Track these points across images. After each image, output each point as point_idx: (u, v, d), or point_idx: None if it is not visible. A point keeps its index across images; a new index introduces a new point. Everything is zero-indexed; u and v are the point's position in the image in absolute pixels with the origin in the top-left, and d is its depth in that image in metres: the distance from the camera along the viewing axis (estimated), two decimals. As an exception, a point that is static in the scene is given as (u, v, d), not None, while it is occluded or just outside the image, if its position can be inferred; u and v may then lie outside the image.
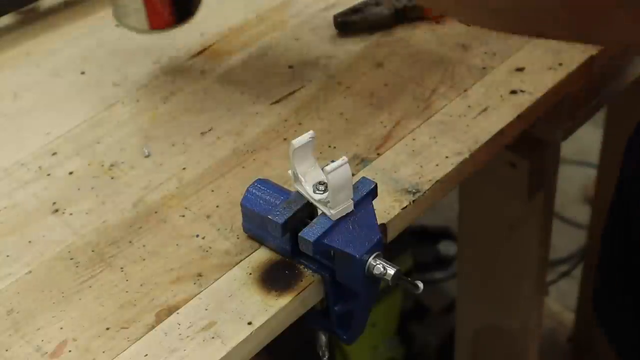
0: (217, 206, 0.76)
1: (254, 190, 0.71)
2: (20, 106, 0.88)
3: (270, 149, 0.81)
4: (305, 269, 0.70)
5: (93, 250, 0.73)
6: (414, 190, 0.76)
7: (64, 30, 0.92)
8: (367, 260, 0.66)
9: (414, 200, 0.75)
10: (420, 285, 0.66)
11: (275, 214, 0.67)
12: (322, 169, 0.67)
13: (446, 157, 0.78)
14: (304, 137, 0.66)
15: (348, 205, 0.67)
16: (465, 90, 0.85)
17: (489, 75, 0.87)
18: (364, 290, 0.68)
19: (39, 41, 0.90)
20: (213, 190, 0.77)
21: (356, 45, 0.92)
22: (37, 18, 0.98)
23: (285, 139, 0.81)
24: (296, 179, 0.68)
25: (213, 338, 0.66)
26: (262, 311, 0.67)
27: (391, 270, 0.65)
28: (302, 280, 0.69)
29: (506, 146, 0.85)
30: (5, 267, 0.72)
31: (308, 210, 0.68)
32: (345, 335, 0.73)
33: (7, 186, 0.79)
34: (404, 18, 0.94)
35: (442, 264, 1.71)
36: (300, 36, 0.94)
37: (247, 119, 0.84)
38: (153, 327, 0.67)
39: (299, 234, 0.66)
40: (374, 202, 0.69)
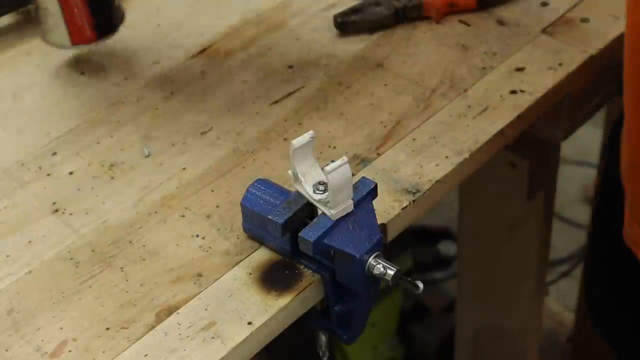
0: (217, 206, 0.76)
1: (254, 190, 0.71)
2: (20, 106, 0.88)
3: (270, 149, 0.81)
4: (305, 269, 0.70)
5: (93, 250, 0.73)
6: (414, 190, 0.76)
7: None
8: (367, 260, 0.66)
9: (414, 200, 0.75)
10: (420, 285, 0.66)
11: (275, 214, 0.67)
12: (322, 169, 0.67)
13: (446, 157, 0.78)
14: (304, 137, 0.66)
15: (348, 205, 0.67)
16: (465, 90, 0.85)
17: (489, 75, 0.87)
18: (364, 290, 0.68)
19: (39, 41, 0.90)
20: (213, 190, 0.77)
21: (356, 45, 0.92)
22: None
23: (285, 139, 0.81)
24: (296, 179, 0.68)
25: (213, 338, 0.66)
26: (262, 311, 0.67)
27: (391, 270, 0.65)
28: (302, 280, 0.69)
29: (506, 146, 0.85)
30: (5, 267, 0.72)
31: (308, 210, 0.68)
32: (345, 335, 0.73)
33: (7, 186, 0.79)
34: (404, 18, 0.94)
35: (442, 264, 1.70)
36: (300, 36, 0.94)
37: (247, 119, 0.84)
38: (153, 327, 0.67)
39: (299, 234, 0.66)
40: (374, 202, 0.69)
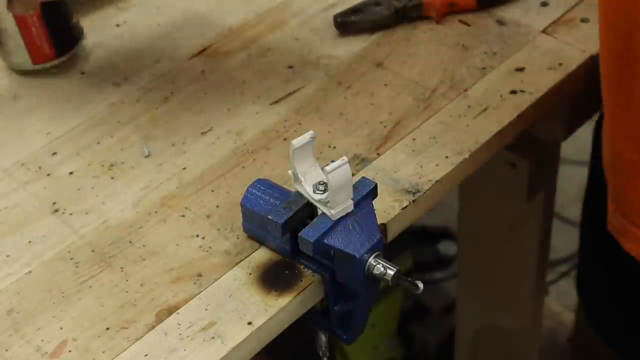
0: (217, 206, 0.76)
1: (254, 190, 0.71)
2: (20, 106, 0.88)
3: (270, 149, 0.81)
4: (305, 269, 0.70)
5: (93, 250, 0.73)
6: (414, 190, 0.76)
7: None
8: (367, 260, 0.66)
9: (414, 200, 0.75)
10: (420, 285, 0.66)
11: (275, 214, 0.67)
12: (322, 169, 0.67)
13: (446, 157, 0.78)
14: (304, 137, 0.66)
15: (348, 205, 0.66)
16: (465, 90, 0.85)
17: (489, 75, 0.87)
18: (364, 290, 0.68)
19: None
20: (213, 190, 0.77)
21: (356, 45, 0.92)
22: (37, 18, 0.98)
23: (285, 139, 0.81)
24: (296, 179, 0.68)
25: (213, 338, 0.66)
26: (262, 311, 0.67)
27: (391, 270, 0.65)
28: (302, 280, 0.69)
29: (506, 146, 0.85)
30: (5, 267, 0.72)
31: (308, 210, 0.68)
32: (345, 335, 0.73)
33: (7, 186, 0.79)
34: (404, 18, 0.93)
35: (442, 264, 1.70)
36: (300, 36, 0.94)
37: (247, 119, 0.84)
38: (153, 327, 0.67)
39: (299, 234, 0.66)
40: (374, 202, 0.69)
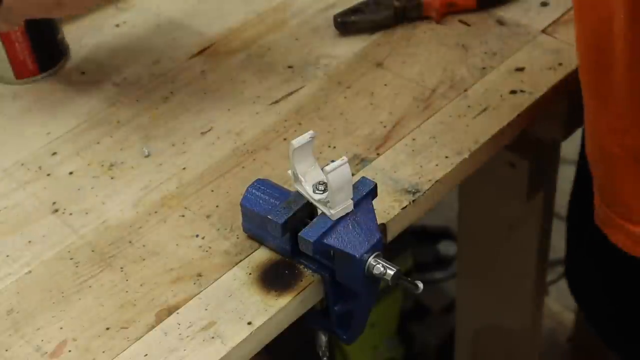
0: (217, 206, 0.76)
1: (254, 190, 0.71)
2: (20, 106, 0.88)
3: (270, 149, 0.81)
4: (305, 269, 0.70)
5: (93, 250, 0.73)
6: (413, 190, 0.76)
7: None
8: (367, 260, 0.66)
9: (413, 200, 0.75)
10: (420, 285, 0.66)
11: (275, 214, 0.67)
12: (322, 169, 0.67)
13: (446, 157, 0.78)
14: (304, 137, 0.66)
15: (348, 205, 0.66)
16: (465, 90, 0.85)
17: (489, 75, 0.87)
18: (364, 290, 0.68)
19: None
20: (213, 190, 0.77)
21: (356, 45, 0.92)
22: (37, 18, 0.98)
23: (285, 139, 0.81)
24: (296, 179, 0.68)
25: (213, 338, 0.66)
26: (262, 311, 0.67)
27: (391, 270, 0.65)
28: (302, 280, 0.69)
29: (506, 146, 0.85)
30: (5, 267, 0.72)
31: (308, 210, 0.68)
32: (345, 335, 0.73)
33: (7, 186, 0.79)
34: (404, 18, 0.93)
35: (442, 264, 1.70)
36: (300, 36, 0.94)
37: (247, 119, 0.84)
38: (153, 327, 0.67)
39: (299, 234, 0.66)
40: (374, 202, 0.69)
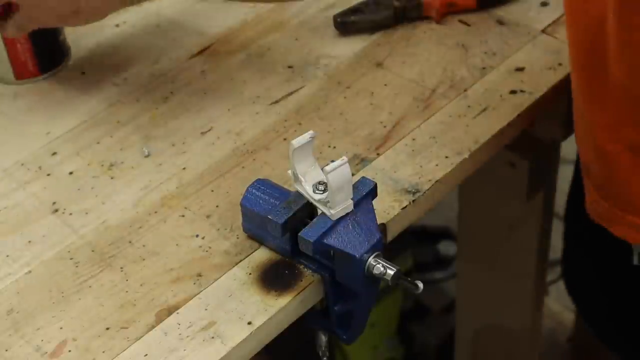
0: (217, 206, 0.76)
1: (254, 190, 0.71)
2: (20, 106, 0.88)
3: (270, 149, 0.81)
4: (305, 269, 0.70)
5: (93, 250, 0.73)
6: (413, 190, 0.76)
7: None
8: (367, 260, 0.66)
9: (413, 200, 0.75)
10: (420, 285, 0.66)
11: (275, 214, 0.67)
12: (322, 169, 0.67)
13: (446, 157, 0.78)
14: (304, 137, 0.66)
15: (348, 205, 0.66)
16: (465, 90, 0.85)
17: (489, 75, 0.87)
18: (364, 290, 0.68)
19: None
20: (213, 190, 0.77)
21: (356, 45, 0.92)
22: (37, 18, 0.98)
23: (285, 139, 0.81)
24: (296, 179, 0.68)
25: (213, 338, 0.66)
26: (262, 311, 0.67)
27: (391, 270, 0.65)
28: (302, 280, 0.69)
29: (506, 146, 0.85)
30: (5, 267, 0.72)
31: (308, 210, 0.68)
32: (345, 335, 0.73)
33: (7, 186, 0.79)
34: (404, 18, 0.93)
35: (442, 264, 1.70)
36: (300, 36, 0.94)
37: (247, 118, 0.84)
38: (153, 327, 0.67)
39: (299, 234, 0.66)
40: (374, 202, 0.69)
